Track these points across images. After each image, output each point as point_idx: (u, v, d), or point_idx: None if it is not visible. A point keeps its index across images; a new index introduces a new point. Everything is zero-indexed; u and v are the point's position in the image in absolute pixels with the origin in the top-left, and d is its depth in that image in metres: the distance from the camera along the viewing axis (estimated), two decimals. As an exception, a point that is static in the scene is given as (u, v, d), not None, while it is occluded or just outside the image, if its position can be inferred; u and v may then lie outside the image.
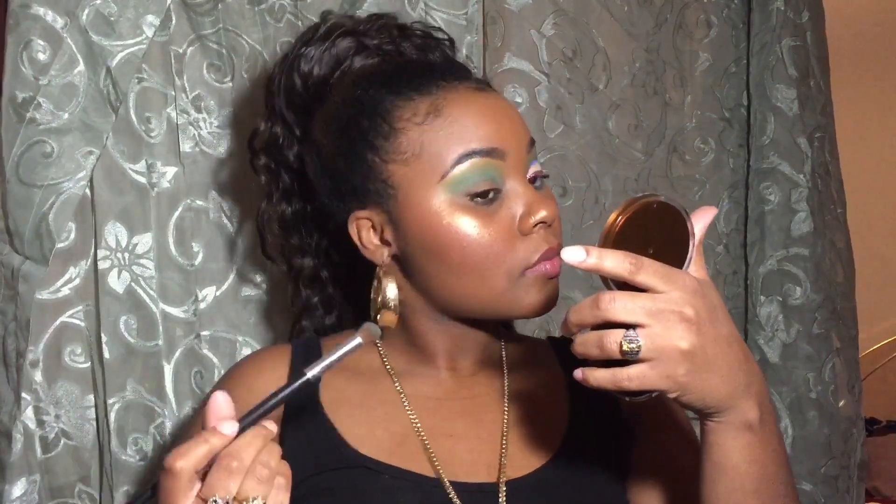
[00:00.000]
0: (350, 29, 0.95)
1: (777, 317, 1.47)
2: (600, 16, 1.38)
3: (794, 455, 1.46)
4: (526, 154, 0.86)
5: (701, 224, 0.75)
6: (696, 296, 0.69)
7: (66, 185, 1.06)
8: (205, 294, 1.15)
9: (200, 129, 1.14)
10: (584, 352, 0.70)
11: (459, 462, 0.87)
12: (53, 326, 1.08)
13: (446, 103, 0.85)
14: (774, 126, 1.47)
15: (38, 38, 1.04)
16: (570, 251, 0.69)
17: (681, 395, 0.70)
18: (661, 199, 0.71)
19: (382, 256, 0.89)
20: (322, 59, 0.95)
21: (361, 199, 0.88)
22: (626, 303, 0.68)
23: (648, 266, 0.68)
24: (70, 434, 1.09)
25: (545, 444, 0.90)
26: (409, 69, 0.90)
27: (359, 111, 0.88)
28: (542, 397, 0.93)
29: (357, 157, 0.87)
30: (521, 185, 0.85)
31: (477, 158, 0.83)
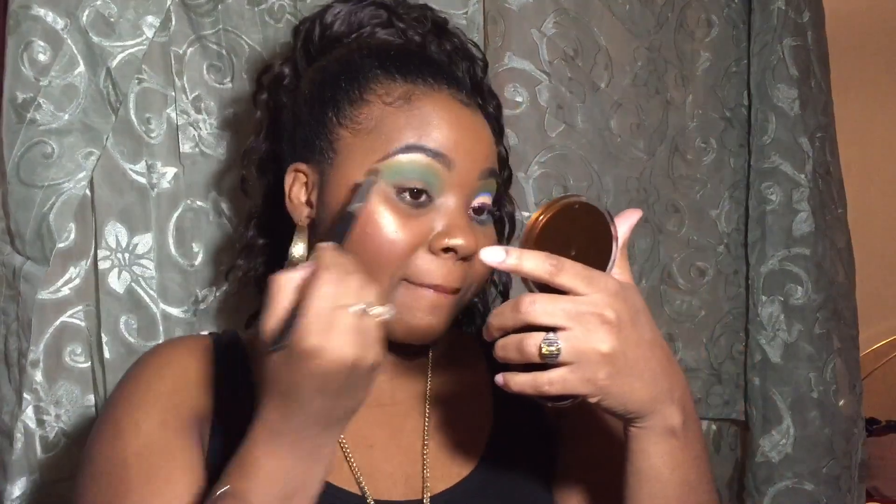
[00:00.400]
0: (385, 2, 0.94)
1: (778, 317, 1.47)
2: (601, 15, 1.38)
3: (796, 455, 1.46)
4: (477, 179, 0.83)
5: (625, 226, 0.74)
6: (617, 298, 0.68)
7: (67, 186, 1.06)
8: (205, 294, 1.15)
9: (200, 130, 1.14)
10: (504, 356, 0.69)
11: (380, 475, 0.85)
12: (54, 326, 1.08)
13: (421, 96, 0.83)
14: (775, 126, 1.47)
15: (38, 39, 1.04)
16: (489, 251, 0.68)
17: (602, 400, 0.69)
18: (583, 199, 0.71)
19: (302, 215, 0.86)
20: (346, 19, 0.93)
21: (306, 153, 0.87)
22: (547, 305, 0.67)
23: (570, 268, 0.67)
24: (70, 434, 1.09)
25: (468, 452, 0.87)
26: (409, 54, 0.89)
27: (343, 70, 0.87)
28: (466, 400, 0.91)
29: (321, 110, 0.86)
30: (455, 205, 0.82)
31: (421, 155, 0.80)
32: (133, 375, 0.84)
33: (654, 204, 1.44)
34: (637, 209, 0.77)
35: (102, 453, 0.79)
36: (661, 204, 1.45)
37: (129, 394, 0.82)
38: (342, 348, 0.64)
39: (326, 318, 0.63)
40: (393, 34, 0.93)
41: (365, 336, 0.65)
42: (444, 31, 0.96)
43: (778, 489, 1.47)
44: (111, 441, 0.79)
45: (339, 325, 0.64)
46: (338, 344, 0.63)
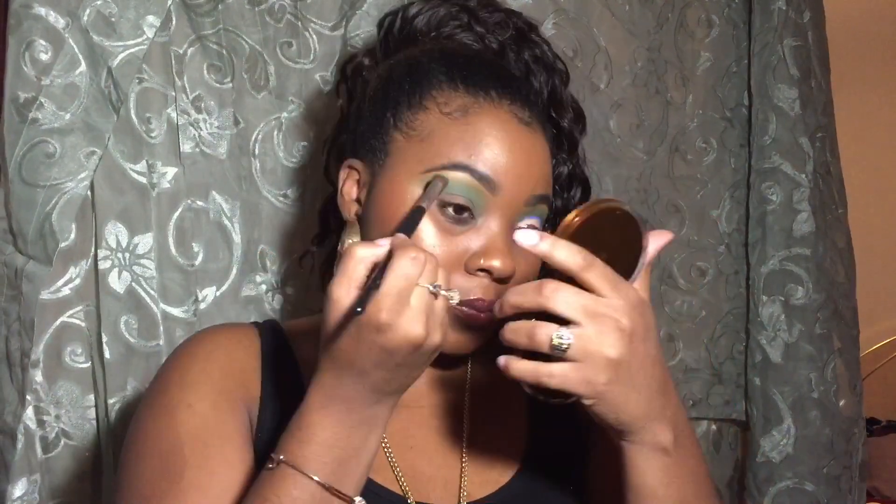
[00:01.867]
0: (468, 4, 0.92)
1: (779, 317, 1.47)
2: (601, 15, 1.38)
3: (797, 455, 1.46)
4: (523, 205, 0.82)
5: (655, 244, 0.73)
6: (636, 310, 0.68)
7: (69, 185, 1.06)
8: (205, 294, 1.15)
9: (200, 130, 1.14)
10: (512, 339, 0.69)
11: (421, 477, 0.85)
12: (54, 326, 1.08)
13: (479, 111, 0.82)
14: (776, 126, 1.47)
15: (39, 39, 1.04)
16: (523, 233, 0.68)
17: (595, 405, 0.69)
18: (626, 208, 0.70)
19: (350, 212, 0.87)
20: (427, 16, 0.92)
21: (362, 150, 0.87)
22: (569, 296, 0.66)
23: (599, 267, 0.67)
24: (70, 434, 1.09)
25: (506, 462, 0.88)
26: (479, 63, 0.87)
27: (409, 72, 0.87)
28: (503, 411, 0.91)
29: (381, 110, 0.86)
30: (497, 228, 0.81)
31: (467, 175, 0.79)
32: (182, 358, 0.85)
33: (654, 204, 1.44)
34: (669, 232, 0.76)
35: (153, 432, 0.79)
36: (661, 204, 1.45)
37: (180, 376, 0.83)
38: (413, 326, 0.66)
39: (401, 295, 0.66)
40: (471, 38, 0.92)
41: (434, 317, 0.68)
42: (527, 38, 0.93)
43: (778, 489, 1.47)
44: (163, 420, 0.79)
45: (413, 304, 0.67)
46: (409, 321, 0.66)
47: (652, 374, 0.70)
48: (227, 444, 0.79)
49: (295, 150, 1.20)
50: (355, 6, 1.21)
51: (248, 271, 1.19)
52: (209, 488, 0.75)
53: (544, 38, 0.95)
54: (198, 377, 0.82)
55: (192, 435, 0.78)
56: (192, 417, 0.79)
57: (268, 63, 1.18)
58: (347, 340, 0.68)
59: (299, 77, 1.20)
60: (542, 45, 0.94)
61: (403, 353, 0.68)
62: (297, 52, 1.19)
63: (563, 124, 0.93)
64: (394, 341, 0.67)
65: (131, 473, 0.78)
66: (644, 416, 0.70)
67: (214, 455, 0.77)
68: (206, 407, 0.80)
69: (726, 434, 1.54)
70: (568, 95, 0.95)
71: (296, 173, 1.20)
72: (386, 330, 0.66)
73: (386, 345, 0.67)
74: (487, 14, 0.92)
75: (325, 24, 1.21)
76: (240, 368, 0.85)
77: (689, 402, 1.48)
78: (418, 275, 0.67)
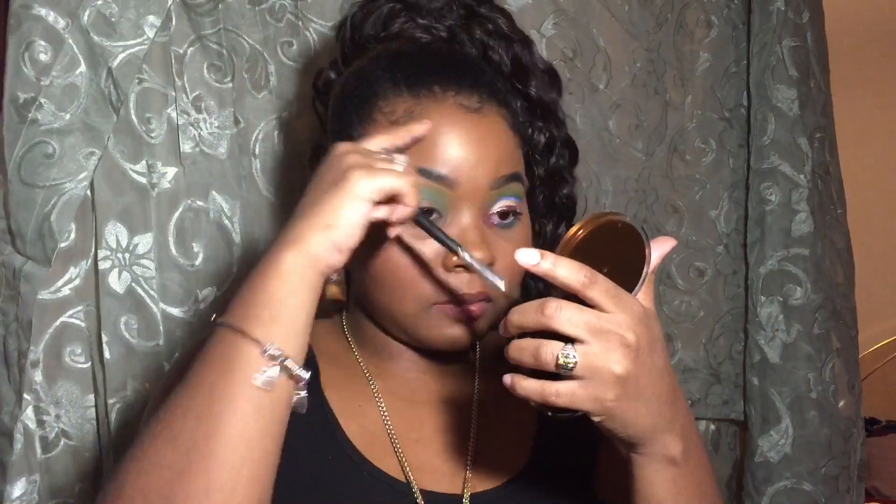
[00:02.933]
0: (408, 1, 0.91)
1: (777, 317, 1.47)
2: (600, 15, 1.38)
3: (795, 455, 1.46)
4: (489, 189, 0.82)
5: (658, 253, 0.73)
6: (640, 323, 0.68)
7: (68, 186, 1.06)
8: (205, 294, 1.16)
9: (201, 130, 1.15)
10: (517, 357, 0.69)
11: (426, 468, 0.85)
12: (54, 326, 1.08)
13: (423, 112, 0.82)
14: (775, 126, 1.47)
15: (39, 39, 1.04)
16: (524, 252, 0.67)
17: (605, 421, 0.69)
18: (627, 220, 0.70)
19: None
20: (371, 18, 0.92)
21: None
22: (572, 315, 0.66)
23: (602, 283, 0.67)
24: (70, 434, 1.10)
25: (513, 457, 0.88)
26: (422, 61, 0.87)
27: (358, 85, 0.87)
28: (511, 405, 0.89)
29: (337, 124, 0.87)
30: (469, 219, 0.81)
31: (424, 180, 0.79)
32: None
33: (652, 204, 1.44)
34: (672, 238, 0.76)
35: None
36: (659, 204, 1.45)
37: None
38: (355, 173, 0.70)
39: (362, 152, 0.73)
40: (419, 31, 0.91)
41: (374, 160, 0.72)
42: (476, 15, 0.92)
43: (777, 489, 1.47)
44: None
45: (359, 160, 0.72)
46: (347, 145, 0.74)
47: (660, 386, 0.70)
48: None
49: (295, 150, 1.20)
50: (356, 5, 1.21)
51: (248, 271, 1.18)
52: None
53: (496, 8, 0.93)
54: None
55: None
56: None
57: (268, 63, 1.18)
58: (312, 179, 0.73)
59: (300, 77, 1.20)
60: (494, 18, 0.92)
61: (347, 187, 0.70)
62: (297, 52, 1.19)
63: (531, 92, 0.92)
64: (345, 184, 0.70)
65: None
66: (653, 428, 0.70)
67: None
68: None
69: (725, 434, 1.54)
70: (533, 61, 0.93)
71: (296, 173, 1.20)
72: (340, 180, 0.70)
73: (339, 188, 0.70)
74: (428, 2, 0.92)
75: (325, 23, 1.21)
76: None
77: (688, 401, 1.48)
78: None
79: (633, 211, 1.43)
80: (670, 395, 0.71)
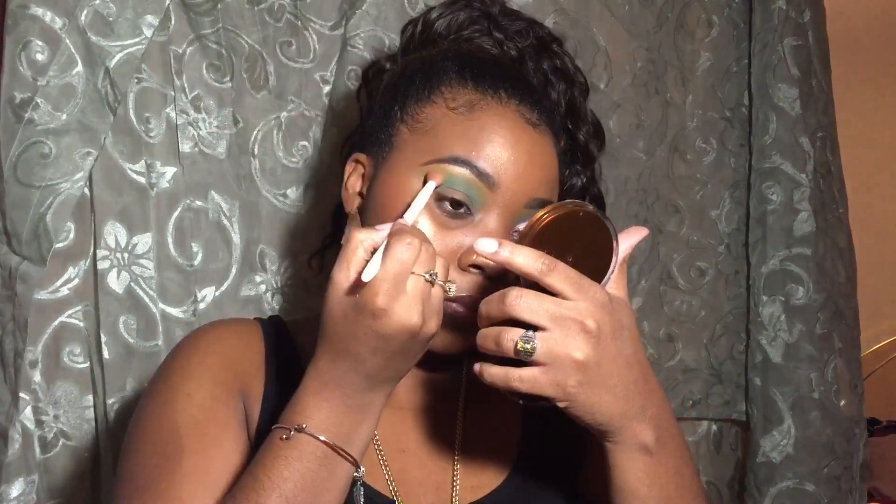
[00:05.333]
0: (490, 11, 0.92)
1: (779, 317, 1.47)
2: (601, 15, 1.38)
3: (797, 455, 1.46)
4: (523, 206, 0.80)
5: (628, 243, 0.74)
6: (603, 310, 0.68)
7: (64, 186, 1.05)
8: (204, 294, 1.15)
9: (200, 130, 1.14)
10: (483, 345, 0.70)
11: (412, 482, 0.85)
12: (52, 326, 1.08)
13: (485, 108, 0.82)
14: (776, 125, 1.47)
15: (36, 39, 1.04)
16: (483, 241, 0.69)
17: (569, 407, 0.69)
18: (590, 209, 0.71)
19: (352, 205, 0.87)
20: (447, 20, 0.92)
21: (368, 144, 0.87)
22: (532, 302, 0.67)
23: (561, 270, 0.68)
24: (69, 434, 1.09)
25: (498, 464, 0.88)
26: (492, 65, 0.87)
27: (422, 68, 0.87)
28: (497, 411, 0.91)
29: (390, 103, 0.86)
30: (495, 225, 0.79)
31: (467, 171, 0.79)
32: (185, 349, 0.86)
33: (653, 204, 1.44)
34: (644, 227, 0.76)
35: (153, 420, 0.80)
36: (660, 204, 1.44)
37: (180, 365, 0.84)
38: (409, 313, 0.67)
39: (397, 280, 0.67)
40: (490, 43, 0.91)
41: (430, 305, 0.69)
42: (547, 48, 0.93)
43: (779, 489, 1.47)
44: (163, 407, 0.80)
45: (410, 291, 0.67)
46: (405, 308, 0.67)
47: (627, 374, 0.70)
48: (223, 432, 0.80)
49: (294, 150, 1.20)
50: (355, 5, 1.21)
51: (248, 271, 1.19)
52: (206, 474, 0.76)
53: (566, 51, 0.94)
54: (197, 368, 0.83)
55: (190, 423, 0.79)
56: (190, 406, 0.80)
57: (267, 62, 1.18)
58: (344, 325, 0.69)
59: (299, 76, 1.19)
60: (562, 56, 0.93)
61: (399, 340, 0.68)
62: (296, 52, 1.19)
63: (580, 136, 0.93)
64: (389, 327, 0.67)
65: (132, 461, 0.79)
66: (621, 416, 0.71)
67: (211, 443, 0.78)
68: (205, 396, 0.81)
69: (727, 434, 1.54)
70: (586, 109, 0.95)
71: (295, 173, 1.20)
72: (381, 315, 0.67)
73: (381, 330, 0.67)
74: (509, 22, 0.92)
75: (324, 23, 1.20)
76: (241, 361, 0.85)
77: (689, 402, 1.48)
78: (413, 261, 0.67)
79: (633, 211, 1.42)
80: (640, 383, 0.71)
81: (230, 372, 0.84)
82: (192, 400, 0.80)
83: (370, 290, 0.66)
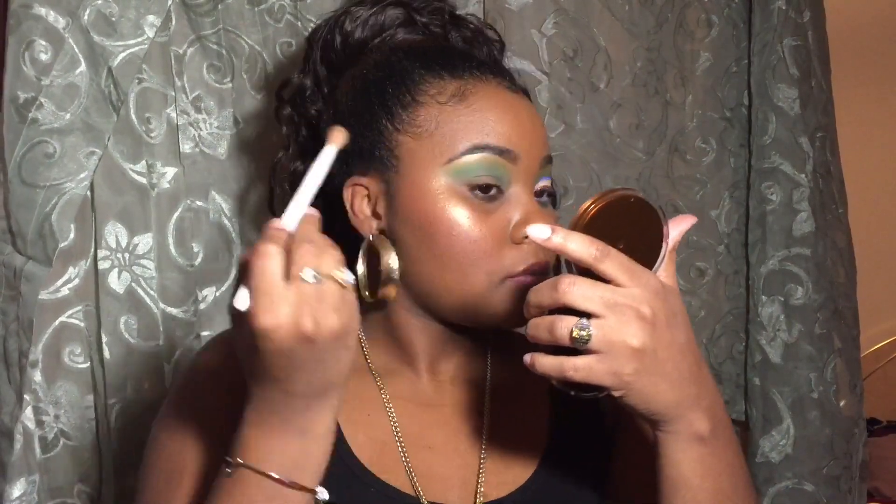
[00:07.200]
0: (402, 1, 0.93)
1: (779, 317, 1.47)
2: (601, 15, 1.38)
3: (797, 455, 1.46)
4: (538, 167, 0.84)
5: (678, 230, 0.73)
6: (657, 297, 0.67)
7: (69, 186, 1.06)
8: (205, 294, 1.15)
9: (200, 130, 1.14)
10: (535, 335, 0.69)
11: (436, 478, 0.84)
12: (53, 326, 1.08)
13: (474, 91, 0.83)
14: (776, 125, 1.47)
15: (39, 39, 1.04)
16: (536, 227, 0.68)
17: (625, 396, 0.68)
18: (640, 195, 0.70)
19: (371, 228, 0.85)
20: (367, 23, 0.92)
21: (364, 165, 0.85)
22: (586, 290, 0.66)
23: (615, 257, 0.67)
24: (69, 434, 1.09)
25: (525, 460, 0.87)
26: (448, 51, 0.89)
27: (387, 76, 0.86)
28: (524, 406, 0.90)
29: (372, 120, 0.85)
30: (525, 194, 0.82)
31: (488, 154, 0.81)
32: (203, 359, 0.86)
33: (654, 204, 1.44)
34: (692, 215, 0.76)
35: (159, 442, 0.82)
36: (660, 204, 1.44)
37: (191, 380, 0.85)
38: (294, 322, 0.60)
39: (271, 293, 0.60)
40: (415, 31, 0.93)
41: (320, 304, 0.61)
42: (460, 19, 0.96)
43: (778, 489, 1.47)
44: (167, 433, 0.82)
45: (287, 299, 0.60)
46: (287, 318, 0.60)
47: (682, 362, 0.69)
48: None
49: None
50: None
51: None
52: None
53: (468, 14, 0.98)
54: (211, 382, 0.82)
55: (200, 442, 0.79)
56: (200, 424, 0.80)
57: (267, 63, 1.18)
58: (249, 354, 0.63)
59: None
60: (473, 21, 0.97)
61: (301, 350, 0.62)
62: (296, 53, 1.19)
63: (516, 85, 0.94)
64: (281, 343, 0.61)
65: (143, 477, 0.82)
66: (677, 405, 0.70)
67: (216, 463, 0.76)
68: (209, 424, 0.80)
69: (726, 434, 1.54)
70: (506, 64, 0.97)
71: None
72: (268, 334, 0.61)
73: (277, 349, 0.61)
74: (422, 5, 0.93)
75: (324, 24, 1.21)
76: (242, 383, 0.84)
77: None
78: (279, 268, 0.60)
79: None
80: (695, 371, 0.70)
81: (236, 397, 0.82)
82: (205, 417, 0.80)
83: (250, 314, 0.60)
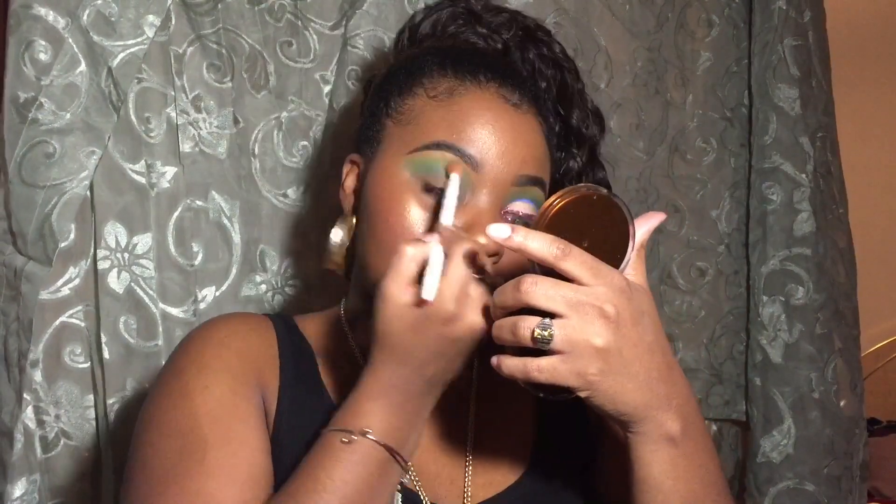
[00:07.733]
0: (471, 7, 0.93)
1: (779, 317, 1.47)
2: (601, 15, 1.38)
3: (797, 455, 1.46)
4: (511, 184, 0.81)
5: (645, 228, 0.73)
6: (621, 295, 0.67)
7: (69, 186, 1.06)
8: (204, 294, 1.15)
9: (200, 130, 1.14)
10: (498, 335, 0.69)
11: (428, 475, 0.85)
12: (53, 326, 1.08)
13: (465, 92, 0.83)
14: (776, 125, 1.47)
15: (39, 39, 1.04)
16: (495, 227, 0.67)
17: (591, 396, 0.68)
18: (603, 192, 0.69)
19: (349, 204, 0.88)
20: (431, 21, 0.94)
21: (362, 143, 0.89)
22: (548, 289, 0.66)
23: (577, 255, 0.66)
24: (70, 434, 1.09)
25: (512, 461, 0.87)
26: (472, 53, 0.88)
27: (405, 65, 0.89)
28: (510, 406, 0.90)
29: (377, 102, 0.88)
30: (486, 204, 0.80)
31: (448, 153, 0.79)
32: (196, 342, 0.85)
33: (653, 204, 1.44)
34: (661, 213, 0.76)
35: (171, 414, 0.79)
36: (660, 204, 1.44)
37: (195, 359, 0.82)
38: (476, 315, 0.71)
39: (463, 285, 0.70)
40: (474, 37, 0.92)
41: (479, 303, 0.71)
42: (533, 37, 0.94)
43: (779, 489, 1.47)
44: (180, 402, 0.79)
45: (474, 294, 0.71)
46: (474, 311, 0.71)
47: (650, 361, 0.68)
48: (245, 426, 0.79)
49: (295, 150, 1.20)
50: (355, 5, 1.21)
51: (248, 271, 1.19)
52: (233, 468, 0.75)
53: (553, 38, 0.95)
54: (213, 360, 0.82)
55: (212, 416, 0.78)
56: (209, 399, 0.78)
57: (267, 62, 1.18)
58: (408, 333, 0.70)
59: (299, 76, 1.19)
60: (549, 43, 0.94)
61: (466, 341, 0.71)
62: (296, 52, 1.19)
63: (572, 120, 0.93)
64: (459, 330, 0.70)
65: (148, 455, 0.78)
66: (645, 405, 0.69)
67: (235, 437, 0.77)
68: (224, 389, 0.80)
69: (727, 434, 1.54)
70: (580, 93, 0.95)
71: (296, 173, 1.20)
72: (453, 320, 0.70)
73: (451, 335, 0.70)
74: (491, 16, 0.93)
75: (325, 23, 1.21)
76: (256, 355, 0.85)
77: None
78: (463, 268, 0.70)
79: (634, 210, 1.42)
80: (664, 371, 0.69)
81: (247, 365, 0.83)
82: (211, 393, 0.79)
83: (441, 297, 0.69)
